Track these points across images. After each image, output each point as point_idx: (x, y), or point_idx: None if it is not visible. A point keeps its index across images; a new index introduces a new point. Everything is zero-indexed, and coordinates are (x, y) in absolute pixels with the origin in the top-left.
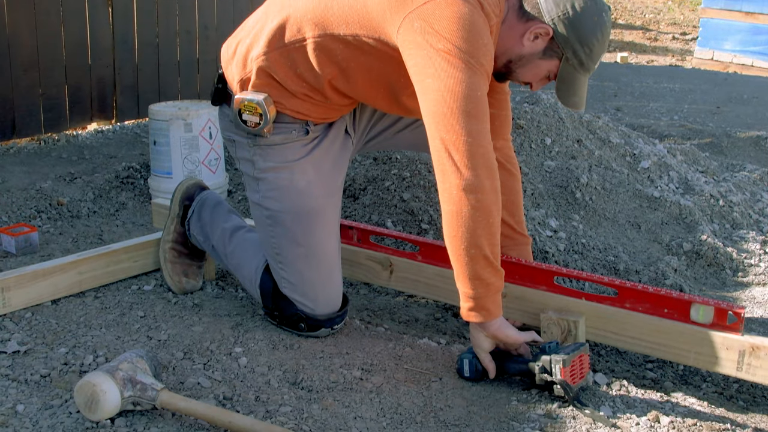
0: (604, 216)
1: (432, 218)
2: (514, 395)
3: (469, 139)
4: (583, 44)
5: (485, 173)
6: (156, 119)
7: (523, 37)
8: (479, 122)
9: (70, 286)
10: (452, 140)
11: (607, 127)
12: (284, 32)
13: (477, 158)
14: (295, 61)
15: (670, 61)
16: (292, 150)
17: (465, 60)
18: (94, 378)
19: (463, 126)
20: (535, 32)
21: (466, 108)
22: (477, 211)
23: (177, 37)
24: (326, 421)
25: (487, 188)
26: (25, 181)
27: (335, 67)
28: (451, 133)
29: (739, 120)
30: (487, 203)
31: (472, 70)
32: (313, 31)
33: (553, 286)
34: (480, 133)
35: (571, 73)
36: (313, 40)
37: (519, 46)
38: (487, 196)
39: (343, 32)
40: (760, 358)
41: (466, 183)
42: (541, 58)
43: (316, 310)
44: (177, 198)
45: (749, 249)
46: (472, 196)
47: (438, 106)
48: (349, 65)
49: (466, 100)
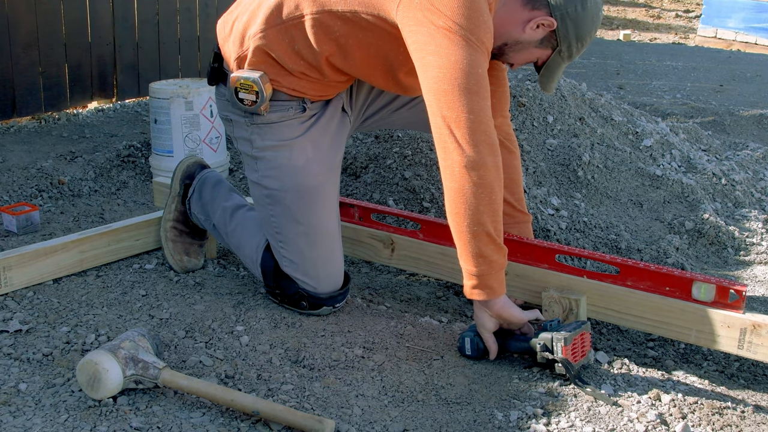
0: (606, 194)
1: (434, 196)
2: (515, 373)
3: (470, 116)
4: (579, 40)
5: (487, 150)
6: (156, 97)
7: (527, 25)
8: (480, 99)
9: (72, 265)
10: (454, 117)
11: (610, 105)
12: (282, 9)
13: (479, 135)
14: (294, 38)
15: (673, 38)
16: (289, 128)
17: (466, 37)
18: (96, 357)
19: (464, 103)
20: (539, 22)
21: (468, 85)
22: (479, 188)
23: (177, 14)
24: (328, 399)
25: (489, 165)
26: (26, 160)
27: (333, 44)
28: (452, 110)
29: (742, 98)
30: (490, 180)
31: (473, 47)
32: (311, 7)
33: (555, 264)
34: (482, 110)
35: (558, 63)
36: (311, 16)
37: (519, 32)
38: (489, 173)
39: (341, 8)
40: (761, 336)
41: (468, 160)
42: (536, 47)
43: (317, 288)
44: (178, 177)
45: (751, 228)
46: (474, 173)
47: (439, 83)
48: (347, 42)
49: (467, 77)
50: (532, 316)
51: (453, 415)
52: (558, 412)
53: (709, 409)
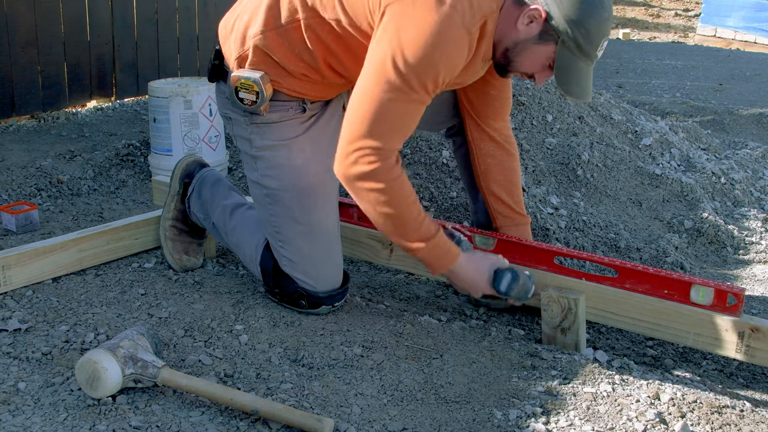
0: (605, 193)
1: (433, 195)
2: (514, 372)
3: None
4: (579, 25)
5: (364, 173)
6: (156, 96)
7: (518, 22)
8: (383, 136)
9: (71, 264)
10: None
11: (609, 104)
12: (280, 11)
13: (359, 163)
14: (293, 41)
15: (672, 37)
16: (289, 128)
17: (407, 83)
18: (96, 355)
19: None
20: (529, 15)
21: (374, 129)
22: (366, 202)
23: (176, 13)
24: (327, 398)
25: (364, 188)
26: (25, 159)
27: (325, 47)
28: (350, 139)
29: (742, 97)
30: (372, 198)
31: (407, 96)
32: (305, 11)
33: (554, 266)
34: (381, 145)
35: (570, 58)
36: (305, 20)
37: (514, 31)
38: (370, 195)
39: (328, 16)
40: (760, 340)
41: (346, 179)
42: (536, 43)
43: (316, 287)
44: (177, 175)
45: (750, 227)
46: (365, 189)
47: (351, 109)
48: (337, 47)
49: (379, 121)
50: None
51: (452, 414)
52: (557, 411)
53: (708, 408)
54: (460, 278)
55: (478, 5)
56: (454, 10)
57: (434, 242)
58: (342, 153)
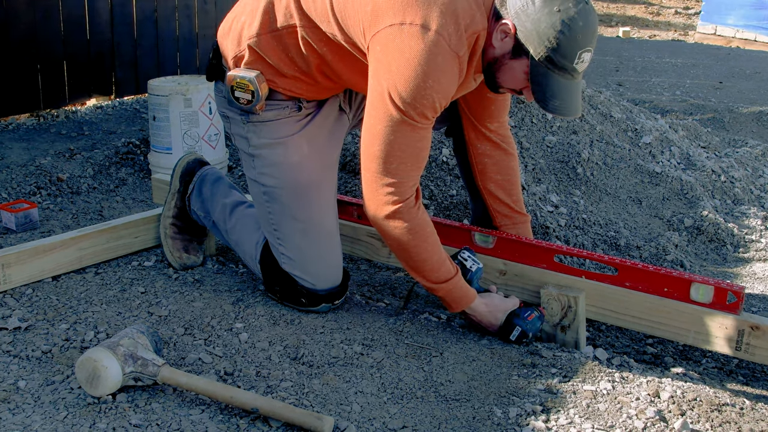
0: (605, 191)
1: (432, 193)
2: (514, 370)
3: (385, 188)
4: (543, 38)
5: (398, 220)
6: (155, 94)
7: (493, 38)
8: (400, 170)
9: (71, 263)
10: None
11: (609, 102)
12: (276, 14)
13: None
14: (287, 45)
15: (672, 35)
16: (285, 126)
17: (407, 115)
18: (96, 354)
19: (380, 173)
20: (501, 30)
21: (388, 166)
22: (393, 241)
23: (176, 11)
24: (327, 396)
25: (391, 227)
26: (25, 158)
27: (319, 56)
28: (369, 179)
29: (742, 95)
30: (397, 235)
31: (410, 126)
32: (302, 20)
33: (554, 264)
34: (400, 181)
35: (543, 72)
36: (301, 28)
37: (492, 47)
38: (395, 231)
39: (324, 28)
40: (760, 338)
41: (374, 218)
42: (512, 59)
43: (316, 285)
44: (177, 173)
45: (750, 225)
46: (392, 229)
47: (364, 150)
48: (333, 58)
49: (390, 157)
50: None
51: (452, 411)
52: (557, 408)
53: (708, 405)
54: (476, 319)
55: (466, 24)
56: (439, 36)
57: (453, 283)
58: (366, 196)
